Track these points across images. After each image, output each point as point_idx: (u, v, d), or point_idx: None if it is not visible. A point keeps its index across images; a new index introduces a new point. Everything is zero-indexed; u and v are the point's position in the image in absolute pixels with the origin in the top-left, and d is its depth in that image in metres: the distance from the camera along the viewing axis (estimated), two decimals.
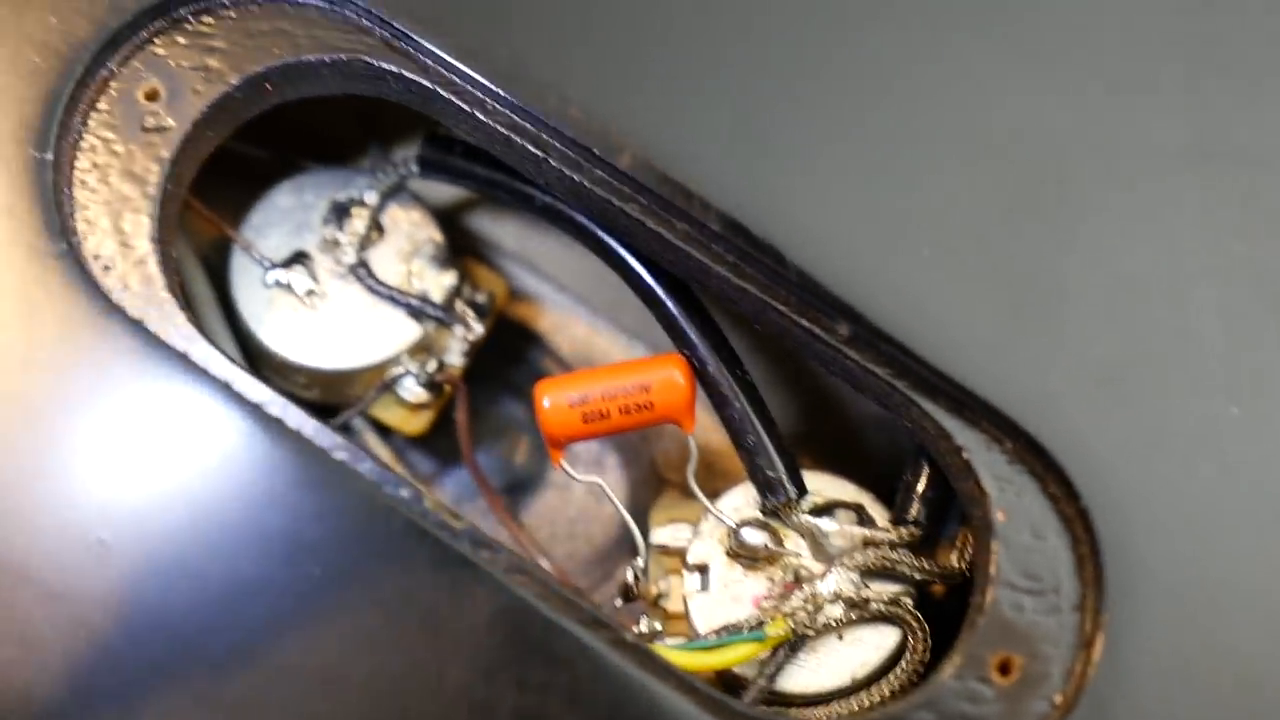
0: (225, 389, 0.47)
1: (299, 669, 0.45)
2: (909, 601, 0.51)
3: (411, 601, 0.45)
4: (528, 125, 0.50)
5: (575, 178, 0.49)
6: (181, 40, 0.50)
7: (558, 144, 0.49)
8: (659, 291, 0.52)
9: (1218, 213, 0.49)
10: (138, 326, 0.47)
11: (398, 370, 0.55)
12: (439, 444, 0.59)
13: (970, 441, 0.48)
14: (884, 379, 0.48)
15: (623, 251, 0.51)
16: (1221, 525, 0.46)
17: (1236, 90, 0.49)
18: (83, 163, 0.49)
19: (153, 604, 0.45)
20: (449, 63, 0.50)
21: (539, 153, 0.50)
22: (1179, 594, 0.46)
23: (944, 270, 0.48)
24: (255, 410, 0.46)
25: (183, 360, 0.47)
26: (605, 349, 0.61)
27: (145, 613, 0.45)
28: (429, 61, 0.50)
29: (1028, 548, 0.47)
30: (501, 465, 0.61)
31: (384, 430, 0.57)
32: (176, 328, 0.47)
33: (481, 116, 0.50)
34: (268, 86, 0.50)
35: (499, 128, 0.50)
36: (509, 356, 0.61)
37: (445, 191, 0.60)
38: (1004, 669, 0.46)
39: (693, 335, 0.52)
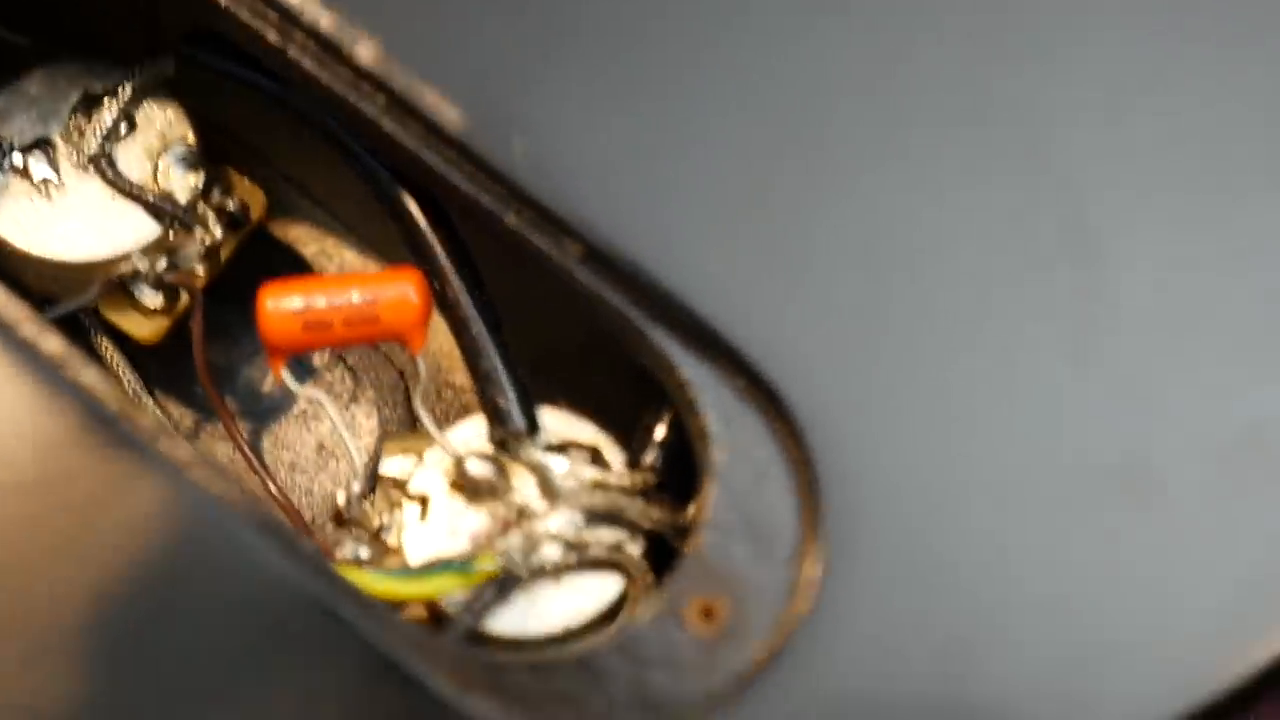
0: None
1: None
2: (635, 550, 0.49)
3: (66, 485, 0.42)
4: (270, 12, 0.47)
5: (315, 73, 0.47)
6: None
7: (298, 34, 0.47)
8: (404, 201, 0.49)
9: (983, 167, 0.46)
10: None
11: (126, 267, 0.52)
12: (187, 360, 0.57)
13: (699, 376, 0.45)
14: (615, 305, 0.46)
15: (366, 156, 0.49)
16: (948, 486, 0.44)
17: (1010, 39, 0.47)
18: None
19: None
20: None
21: (280, 42, 0.47)
22: (897, 552, 0.43)
23: (690, 194, 0.46)
24: None
25: None
26: None
27: None
28: None
29: (747, 492, 0.44)
30: (253, 389, 0.59)
31: (120, 337, 0.54)
32: None
33: (224, 3, 0.48)
34: None
35: (241, 16, 0.48)
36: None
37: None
38: (707, 615, 0.44)
39: (436, 251, 0.49)
